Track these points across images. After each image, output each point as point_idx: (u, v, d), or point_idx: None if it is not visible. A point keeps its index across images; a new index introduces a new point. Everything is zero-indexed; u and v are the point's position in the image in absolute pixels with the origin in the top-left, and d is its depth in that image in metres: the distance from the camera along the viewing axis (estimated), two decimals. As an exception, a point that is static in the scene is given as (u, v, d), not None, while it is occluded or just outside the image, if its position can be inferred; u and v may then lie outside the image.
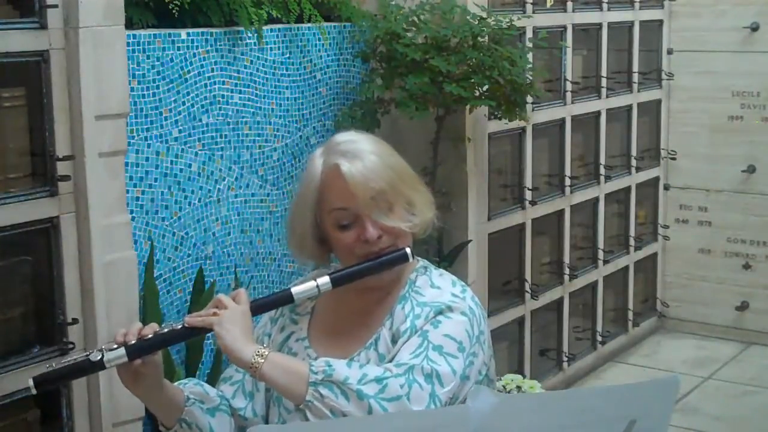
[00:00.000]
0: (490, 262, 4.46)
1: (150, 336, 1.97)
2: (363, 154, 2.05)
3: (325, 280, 2.04)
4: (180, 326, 2.00)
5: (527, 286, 4.73)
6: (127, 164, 3.03)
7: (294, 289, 2.04)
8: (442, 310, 2.04)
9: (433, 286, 2.11)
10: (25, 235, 2.75)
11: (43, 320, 2.83)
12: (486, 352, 2.13)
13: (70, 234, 2.81)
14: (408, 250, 2.08)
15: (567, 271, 5.00)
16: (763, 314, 5.59)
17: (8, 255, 2.76)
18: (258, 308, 2.05)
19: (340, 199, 2.04)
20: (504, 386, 3.77)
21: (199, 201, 3.47)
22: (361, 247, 2.06)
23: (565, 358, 5.02)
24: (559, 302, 5.01)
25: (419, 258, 2.22)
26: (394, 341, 2.05)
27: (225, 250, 3.57)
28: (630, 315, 5.59)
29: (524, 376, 4.17)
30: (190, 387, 2.13)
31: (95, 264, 2.83)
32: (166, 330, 1.99)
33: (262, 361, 1.91)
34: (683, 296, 5.82)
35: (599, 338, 5.30)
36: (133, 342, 1.97)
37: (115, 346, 1.97)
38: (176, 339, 2.03)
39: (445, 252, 4.22)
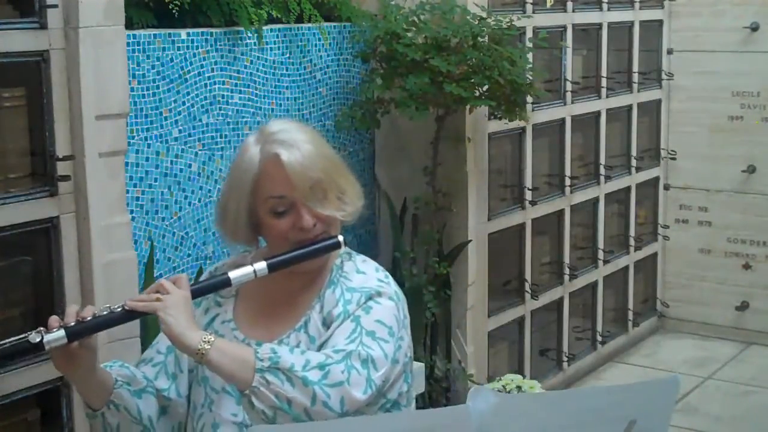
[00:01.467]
0: (490, 262, 4.46)
1: (89, 318, 1.98)
2: (299, 144, 2.09)
3: (261, 265, 2.07)
4: (120, 309, 2.00)
5: (527, 286, 4.73)
6: (127, 164, 3.03)
7: (231, 274, 2.07)
8: (372, 295, 2.09)
9: (358, 272, 2.16)
10: (25, 235, 2.75)
11: (43, 320, 2.81)
12: (408, 335, 2.17)
13: (70, 234, 2.81)
14: (341, 238, 2.13)
15: (567, 271, 5.00)
16: (763, 314, 5.59)
17: (8, 255, 2.76)
18: (197, 292, 2.07)
19: (278, 187, 2.08)
20: (504, 386, 3.77)
21: (199, 201, 3.47)
22: (296, 234, 2.10)
23: (565, 358, 5.02)
24: (559, 302, 5.01)
25: None
26: (325, 324, 2.10)
27: (225, 250, 3.57)
28: (630, 315, 5.59)
29: (524, 376, 4.17)
30: (117, 369, 2.15)
31: (95, 264, 2.83)
32: (105, 313, 2.00)
33: (209, 347, 1.93)
34: (683, 296, 5.82)
35: (599, 338, 5.30)
36: (72, 324, 1.97)
37: (54, 328, 1.97)
38: (116, 321, 2.02)
39: (445, 252, 4.22)
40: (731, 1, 5.50)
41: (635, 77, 5.43)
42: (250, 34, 3.61)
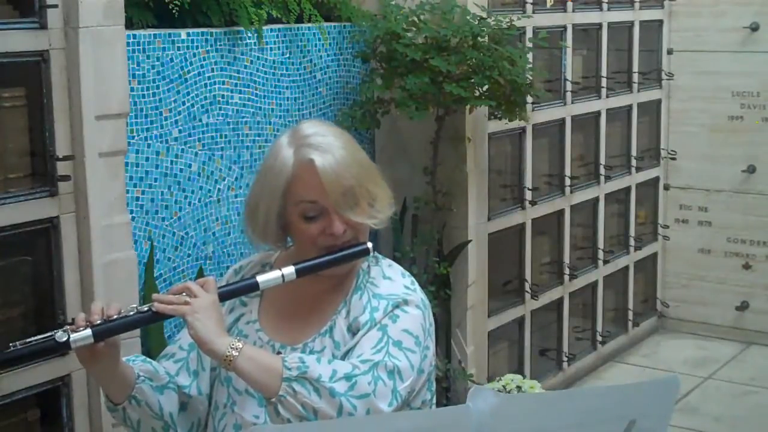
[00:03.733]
0: (490, 262, 4.46)
1: (115, 317, 1.97)
2: (334, 149, 2.07)
3: (290, 270, 2.06)
4: (147, 310, 1.99)
5: (527, 286, 4.73)
6: (127, 164, 3.03)
7: (259, 278, 2.06)
8: (399, 303, 2.09)
9: (385, 277, 2.15)
10: (25, 235, 2.75)
11: (43, 320, 2.83)
12: (434, 342, 2.17)
13: (70, 234, 2.81)
14: (369, 245, 2.12)
15: (567, 271, 5.00)
16: (763, 314, 5.59)
17: (8, 255, 2.76)
18: (225, 296, 2.06)
19: (310, 192, 2.07)
20: (504, 386, 3.77)
21: (199, 201, 3.47)
22: (325, 239, 2.09)
23: (565, 358, 5.02)
24: (559, 302, 5.01)
25: None
26: (350, 330, 2.09)
27: (225, 250, 3.57)
28: (630, 315, 5.59)
29: (524, 376, 4.17)
30: (139, 364, 2.14)
31: (95, 264, 2.83)
32: (132, 313, 1.99)
33: (237, 354, 1.93)
34: (683, 296, 5.82)
35: (599, 338, 5.30)
36: (99, 323, 1.96)
37: (81, 327, 1.96)
38: (143, 322, 2.03)
39: (445, 252, 4.22)
40: (731, 1, 5.50)
41: (635, 77, 5.43)
42: (250, 34, 3.61)
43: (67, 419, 2.87)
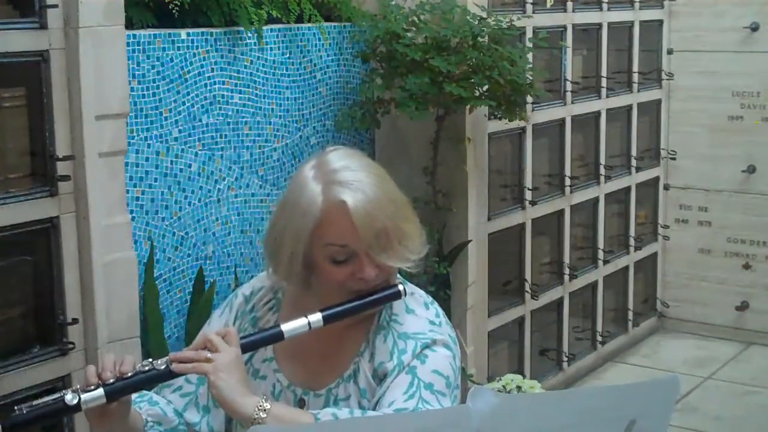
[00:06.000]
0: (490, 262, 4.46)
1: (129, 374, 1.84)
2: (366, 187, 1.90)
3: (317, 317, 1.92)
4: (164, 366, 1.85)
5: (527, 286, 4.73)
6: (127, 164, 3.03)
7: (284, 327, 1.92)
8: (428, 344, 1.95)
9: (408, 311, 2.01)
10: (25, 235, 2.75)
11: (43, 320, 2.83)
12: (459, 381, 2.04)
13: (70, 234, 2.81)
14: (401, 287, 1.98)
15: (567, 271, 5.00)
16: (763, 314, 5.59)
17: (8, 255, 2.76)
18: (247, 347, 1.92)
19: (341, 236, 1.90)
20: (504, 386, 3.77)
21: (199, 201, 3.47)
22: (355, 283, 1.94)
23: (565, 358, 5.02)
24: (559, 302, 5.01)
25: None
26: (375, 377, 1.96)
27: (225, 250, 3.57)
28: (630, 315, 5.59)
29: (524, 376, 4.17)
30: (146, 408, 2.02)
31: (95, 264, 2.83)
32: (147, 368, 1.85)
33: (265, 416, 1.80)
34: (683, 296, 5.82)
35: (599, 338, 5.30)
36: (111, 381, 1.82)
37: (92, 386, 1.82)
38: (159, 380, 1.89)
39: (445, 252, 4.22)
40: (731, 1, 5.50)
41: (635, 77, 5.43)
42: (250, 34, 3.61)
43: (67, 419, 2.87)
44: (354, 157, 1.98)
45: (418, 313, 2.01)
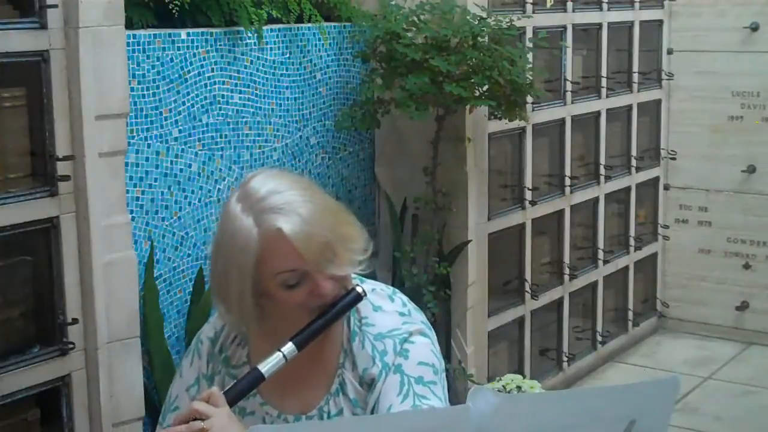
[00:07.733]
0: (490, 262, 4.46)
1: None
2: (297, 207, 1.85)
3: (290, 347, 1.88)
4: None
5: (527, 286, 4.73)
6: (127, 164, 3.03)
7: (263, 368, 1.87)
8: (406, 338, 1.95)
9: (375, 309, 1.99)
10: (25, 235, 2.75)
11: (43, 320, 2.83)
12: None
13: (70, 234, 2.81)
14: (359, 289, 1.94)
15: (567, 271, 5.00)
16: (763, 314, 5.59)
17: (8, 255, 2.76)
18: (233, 401, 1.87)
19: (286, 262, 1.85)
20: (504, 386, 3.77)
21: (199, 201, 3.47)
22: (315, 300, 1.90)
23: (565, 358, 5.02)
24: (559, 302, 5.01)
25: None
26: (362, 383, 1.95)
27: (225, 250, 3.57)
28: (630, 315, 5.59)
29: (524, 376, 4.17)
30: None
31: (95, 264, 2.83)
32: None
33: None
34: (683, 296, 5.82)
35: (599, 338, 5.30)
36: None
37: None
38: None
39: (445, 252, 4.22)
40: (731, 1, 5.50)
41: (635, 77, 5.43)
42: (250, 34, 3.61)
43: (67, 419, 2.87)
44: (277, 178, 1.91)
45: (385, 308, 1.99)
